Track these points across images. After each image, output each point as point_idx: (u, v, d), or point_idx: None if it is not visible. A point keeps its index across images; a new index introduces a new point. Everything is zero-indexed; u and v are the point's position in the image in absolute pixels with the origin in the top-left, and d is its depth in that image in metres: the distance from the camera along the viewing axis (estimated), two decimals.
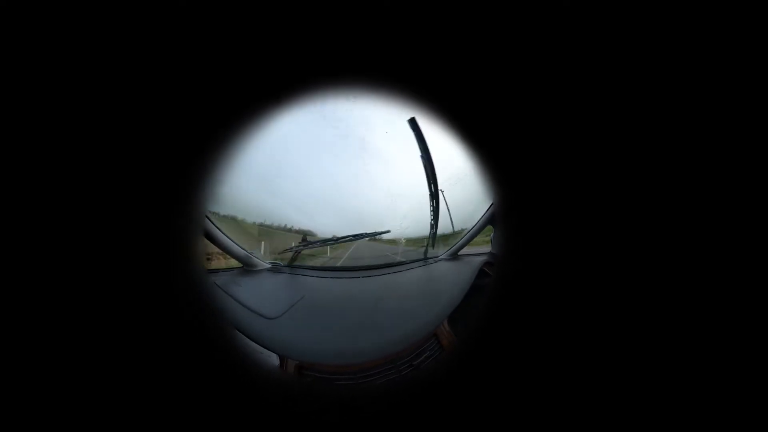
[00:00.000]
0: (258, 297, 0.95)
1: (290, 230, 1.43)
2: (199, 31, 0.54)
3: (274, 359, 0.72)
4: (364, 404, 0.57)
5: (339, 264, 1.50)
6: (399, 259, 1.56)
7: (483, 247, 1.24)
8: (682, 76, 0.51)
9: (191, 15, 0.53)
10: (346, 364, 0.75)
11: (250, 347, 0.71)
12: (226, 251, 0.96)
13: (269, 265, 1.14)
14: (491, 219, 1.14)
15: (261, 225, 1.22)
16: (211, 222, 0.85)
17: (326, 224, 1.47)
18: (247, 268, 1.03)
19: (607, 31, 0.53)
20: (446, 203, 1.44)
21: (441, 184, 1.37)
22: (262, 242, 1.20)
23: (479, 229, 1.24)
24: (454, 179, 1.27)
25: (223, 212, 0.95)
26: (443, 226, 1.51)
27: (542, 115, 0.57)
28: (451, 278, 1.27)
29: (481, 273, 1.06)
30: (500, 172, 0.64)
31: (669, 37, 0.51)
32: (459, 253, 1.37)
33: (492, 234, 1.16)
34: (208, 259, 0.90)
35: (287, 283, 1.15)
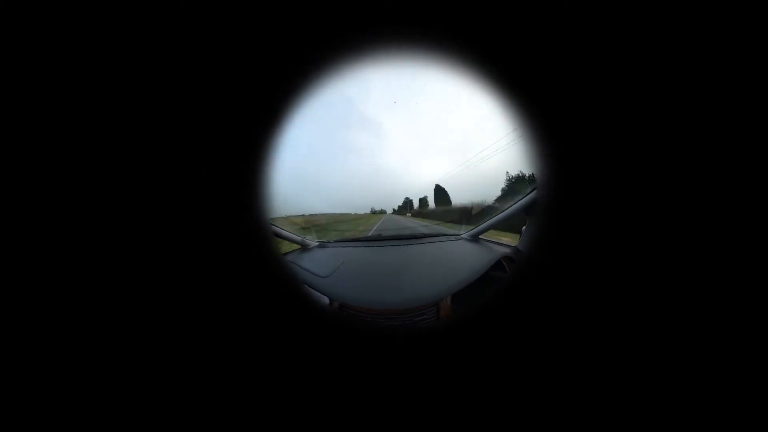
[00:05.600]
0: (314, 264, 1.34)
1: (327, 215, 1.71)
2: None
3: (325, 300, 1.01)
4: (375, 335, 0.82)
5: (370, 234, 1.76)
6: (422, 231, 1.67)
7: (508, 238, 1.15)
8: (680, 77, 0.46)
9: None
10: (369, 308, 1.03)
11: (314, 293, 1.01)
12: (290, 240, 1.35)
13: (317, 243, 1.53)
14: (529, 207, 0.96)
15: (304, 217, 1.56)
16: (275, 225, 1.03)
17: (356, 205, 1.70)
18: (304, 247, 1.45)
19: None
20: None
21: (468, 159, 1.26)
22: (309, 229, 1.60)
23: (510, 214, 1.08)
24: (491, 149, 1.04)
25: (277, 214, 1.11)
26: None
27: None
28: (467, 260, 1.31)
29: (497, 264, 1.02)
30: (557, 149, 0.47)
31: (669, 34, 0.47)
32: (480, 237, 1.32)
33: (525, 226, 1.01)
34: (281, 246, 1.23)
35: (332, 253, 1.54)
